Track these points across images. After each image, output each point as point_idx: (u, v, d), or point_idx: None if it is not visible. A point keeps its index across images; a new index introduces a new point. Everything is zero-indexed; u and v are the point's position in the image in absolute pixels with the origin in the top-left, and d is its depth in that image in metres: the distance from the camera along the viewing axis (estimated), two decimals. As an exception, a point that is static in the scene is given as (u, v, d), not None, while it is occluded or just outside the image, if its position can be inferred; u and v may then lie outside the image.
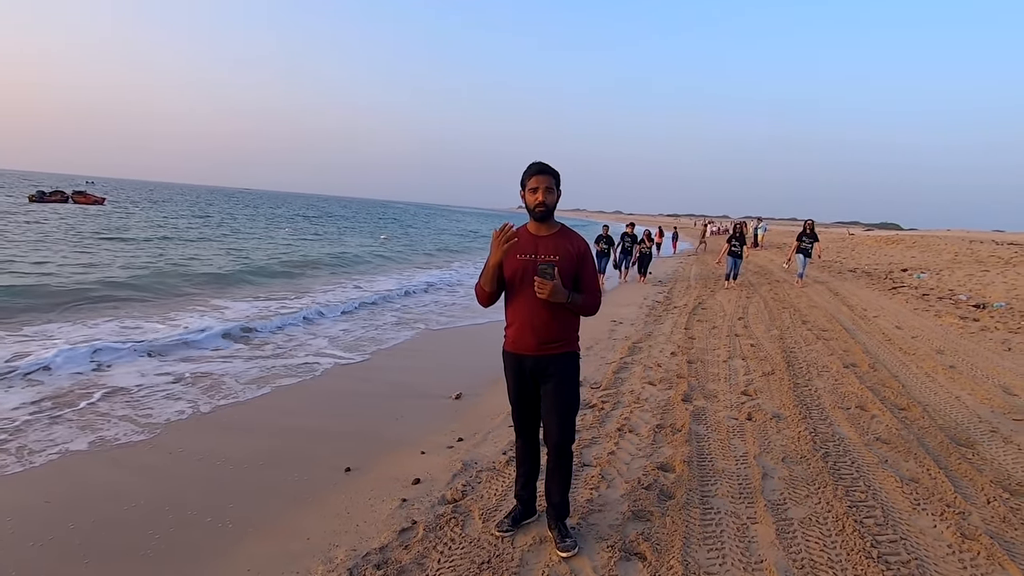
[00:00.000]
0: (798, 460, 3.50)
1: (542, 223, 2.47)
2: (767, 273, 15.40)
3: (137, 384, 4.98)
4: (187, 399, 4.68)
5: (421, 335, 7.69)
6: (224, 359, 5.92)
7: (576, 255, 2.43)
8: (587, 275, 2.47)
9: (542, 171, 2.41)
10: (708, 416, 4.29)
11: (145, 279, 10.85)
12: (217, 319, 7.72)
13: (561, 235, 2.48)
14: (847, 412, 4.36)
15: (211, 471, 3.48)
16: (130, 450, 3.74)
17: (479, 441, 3.93)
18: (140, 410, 4.40)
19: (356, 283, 12.70)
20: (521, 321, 2.45)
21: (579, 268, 2.44)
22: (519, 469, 2.75)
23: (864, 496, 3.04)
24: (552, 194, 2.41)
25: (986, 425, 4.11)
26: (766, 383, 5.13)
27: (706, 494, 3.08)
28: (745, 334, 7.32)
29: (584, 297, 2.42)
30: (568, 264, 2.40)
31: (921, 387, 5.05)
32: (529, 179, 2.41)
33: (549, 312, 2.40)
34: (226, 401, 4.71)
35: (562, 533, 2.58)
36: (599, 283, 2.53)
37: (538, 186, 2.39)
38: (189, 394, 4.81)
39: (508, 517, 2.74)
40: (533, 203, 2.40)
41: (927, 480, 3.23)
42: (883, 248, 24.76)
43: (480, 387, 5.21)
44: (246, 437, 4.01)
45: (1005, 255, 17.68)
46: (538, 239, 2.45)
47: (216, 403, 4.64)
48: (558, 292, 2.30)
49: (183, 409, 4.46)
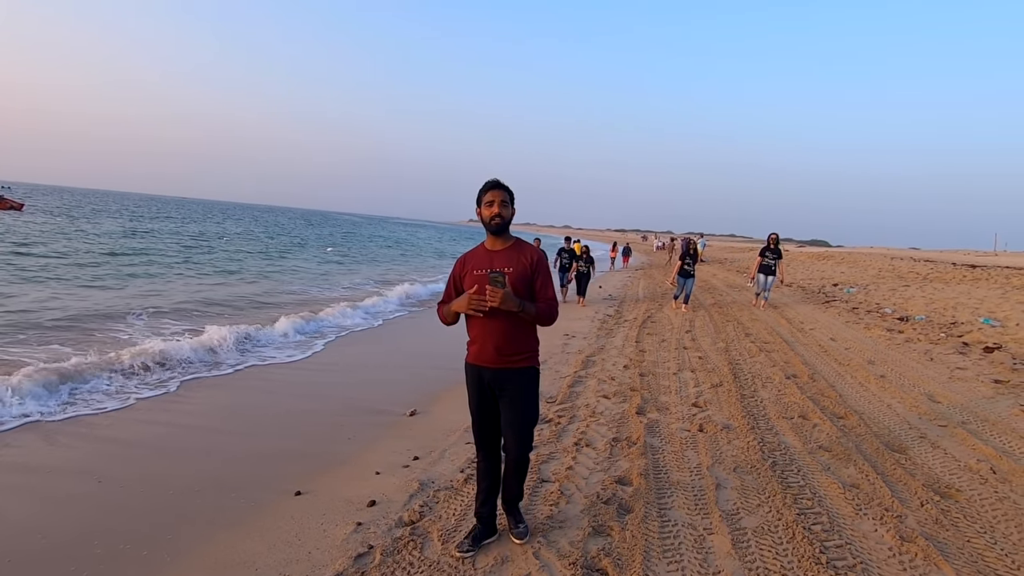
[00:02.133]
0: (748, 470, 3.61)
1: (497, 237, 2.56)
2: (711, 288, 16.01)
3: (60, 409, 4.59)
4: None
5: (368, 343, 7.51)
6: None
7: (530, 265, 2.51)
8: (541, 286, 2.53)
9: (496, 186, 2.52)
10: (662, 428, 4.37)
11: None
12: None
13: (515, 248, 2.57)
14: (791, 421, 4.55)
15: (146, 499, 3.23)
16: (53, 478, 3.43)
17: (436, 459, 3.84)
18: (63, 437, 4.05)
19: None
20: (482, 334, 2.51)
21: (533, 278, 2.51)
22: (480, 485, 2.75)
23: (811, 503, 3.17)
24: (507, 208, 2.52)
25: (915, 431, 4.39)
26: (715, 394, 5.29)
27: (663, 506, 3.13)
28: (693, 347, 7.55)
29: (538, 306, 2.48)
30: (522, 275, 2.48)
31: (856, 396, 5.34)
32: (485, 194, 2.52)
33: (508, 324, 2.46)
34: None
35: (516, 519, 2.79)
36: (555, 293, 2.61)
37: (493, 200, 2.49)
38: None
39: (468, 537, 2.70)
40: (489, 216, 2.50)
41: (866, 485, 3.40)
42: (815, 264, 26.27)
43: (434, 402, 5.11)
44: (184, 460, 3.76)
45: (923, 271, 19.11)
46: (493, 254, 2.55)
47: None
48: (508, 299, 2.35)
49: (114, 435, 4.15)
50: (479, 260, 2.56)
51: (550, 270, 2.62)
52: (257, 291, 12.59)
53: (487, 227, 2.53)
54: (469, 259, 2.61)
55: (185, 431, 4.30)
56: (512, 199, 2.57)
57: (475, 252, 2.63)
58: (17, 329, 7.13)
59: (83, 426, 4.30)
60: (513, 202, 2.58)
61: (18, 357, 5.80)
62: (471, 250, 2.67)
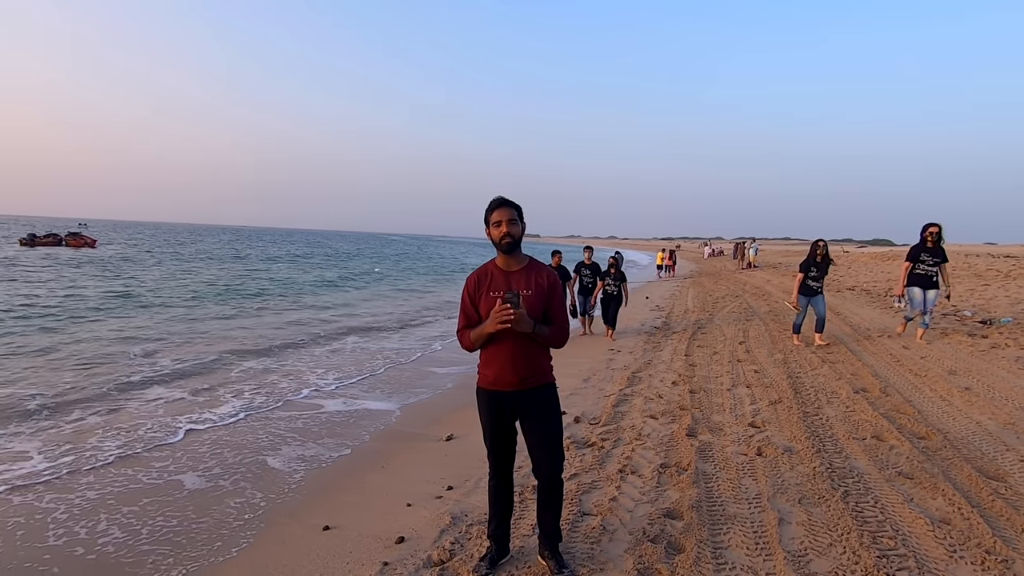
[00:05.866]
0: (816, 501, 3.21)
1: (510, 256, 2.47)
2: (765, 294, 15.21)
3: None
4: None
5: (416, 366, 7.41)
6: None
7: (546, 288, 2.45)
8: (555, 307, 2.47)
9: (503, 205, 2.42)
10: (715, 452, 4.00)
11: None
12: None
13: (531, 269, 2.49)
14: (863, 443, 4.08)
15: (159, 521, 3.17)
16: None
17: (470, 489, 3.63)
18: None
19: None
20: (500, 358, 2.42)
21: (548, 301, 2.45)
22: (493, 508, 2.66)
23: (893, 543, 2.75)
24: (516, 226, 2.42)
25: (1014, 454, 3.83)
26: (773, 413, 4.86)
27: (718, 545, 2.79)
28: (748, 359, 7.06)
29: (551, 329, 2.44)
30: (538, 298, 2.41)
31: (938, 412, 4.77)
32: (491, 214, 2.42)
33: (526, 347, 2.41)
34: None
35: (559, 563, 2.56)
36: (567, 315, 2.55)
37: (501, 219, 2.40)
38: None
39: (484, 560, 2.63)
40: (499, 236, 2.41)
41: (960, 521, 2.94)
42: (879, 265, 24.68)
43: (471, 425, 4.92)
44: (209, 479, 3.70)
45: (1003, 268, 17.57)
46: (509, 275, 2.47)
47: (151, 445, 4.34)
48: (523, 321, 2.29)
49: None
50: (496, 282, 2.46)
51: (563, 291, 2.49)
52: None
53: (498, 247, 2.44)
54: (483, 280, 2.48)
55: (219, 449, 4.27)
56: (521, 215, 2.46)
57: (488, 272, 2.50)
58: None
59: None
60: (522, 218, 2.47)
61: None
62: (481, 268, 2.54)
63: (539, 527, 2.64)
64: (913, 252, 7.64)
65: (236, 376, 6.92)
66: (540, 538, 2.65)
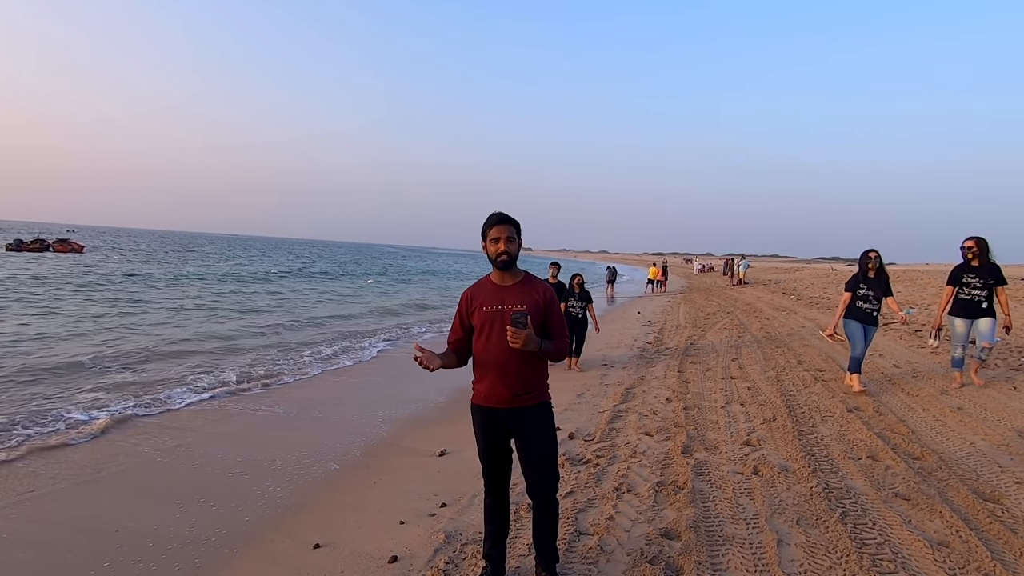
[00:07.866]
0: (814, 522, 3.18)
1: (506, 272, 2.44)
2: (756, 311, 15.29)
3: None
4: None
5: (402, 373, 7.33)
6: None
7: (543, 303, 2.42)
8: (554, 322, 2.45)
9: (502, 221, 2.39)
10: (711, 471, 3.97)
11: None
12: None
13: (525, 284, 2.47)
14: (858, 463, 4.07)
15: (137, 541, 3.08)
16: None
17: (464, 506, 3.56)
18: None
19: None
20: (492, 374, 2.40)
21: (546, 315, 2.43)
22: (489, 527, 2.61)
23: (893, 566, 2.72)
24: (513, 243, 2.40)
25: (1009, 475, 3.83)
26: (768, 431, 4.84)
27: (717, 567, 2.75)
28: (741, 376, 7.06)
29: (554, 343, 2.42)
30: (535, 313, 2.38)
31: (931, 432, 4.78)
32: (490, 230, 2.40)
33: (520, 362, 2.36)
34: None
35: None
36: (565, 328, 2.52)
37: (499, 236, 2.38)
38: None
39: None
40: (495, 253, 2.39)
41: (958, 544, 2.92)
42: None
43: (465, 440, 4.85)
44: (200, 503, 3.61)
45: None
46: (503, 289, 2.44)
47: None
48: (531, 341, 2.26)
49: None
50: (489, 296, 2.43)
51: (559, 305, 2.45)
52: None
53: (494, 264, 2.42)
54: (476, 294, 2.47)
55: (201, 473, 4.17)
56: (518, 232, 2.44)
57: (483, 287, 2.49)
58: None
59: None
60: (520, 235, 2.45)
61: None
62: (477, 284, 2.53)
63: (535, 547, 2.59)
64: (955, 274, 5.95)
65: (215, 384, 6.81)
66: (536, 559, 2.59)
